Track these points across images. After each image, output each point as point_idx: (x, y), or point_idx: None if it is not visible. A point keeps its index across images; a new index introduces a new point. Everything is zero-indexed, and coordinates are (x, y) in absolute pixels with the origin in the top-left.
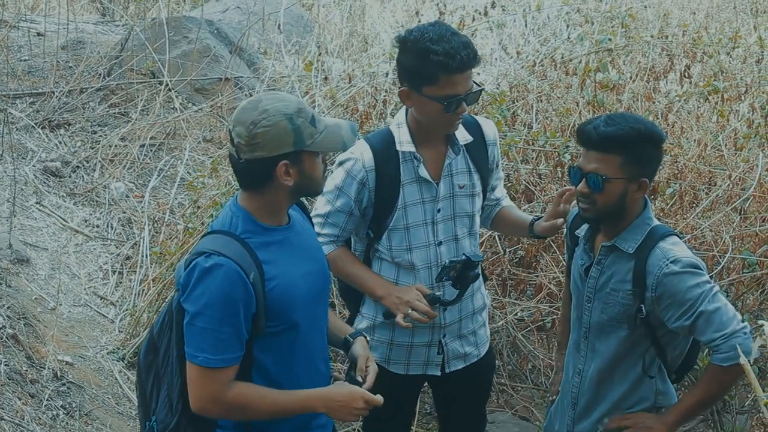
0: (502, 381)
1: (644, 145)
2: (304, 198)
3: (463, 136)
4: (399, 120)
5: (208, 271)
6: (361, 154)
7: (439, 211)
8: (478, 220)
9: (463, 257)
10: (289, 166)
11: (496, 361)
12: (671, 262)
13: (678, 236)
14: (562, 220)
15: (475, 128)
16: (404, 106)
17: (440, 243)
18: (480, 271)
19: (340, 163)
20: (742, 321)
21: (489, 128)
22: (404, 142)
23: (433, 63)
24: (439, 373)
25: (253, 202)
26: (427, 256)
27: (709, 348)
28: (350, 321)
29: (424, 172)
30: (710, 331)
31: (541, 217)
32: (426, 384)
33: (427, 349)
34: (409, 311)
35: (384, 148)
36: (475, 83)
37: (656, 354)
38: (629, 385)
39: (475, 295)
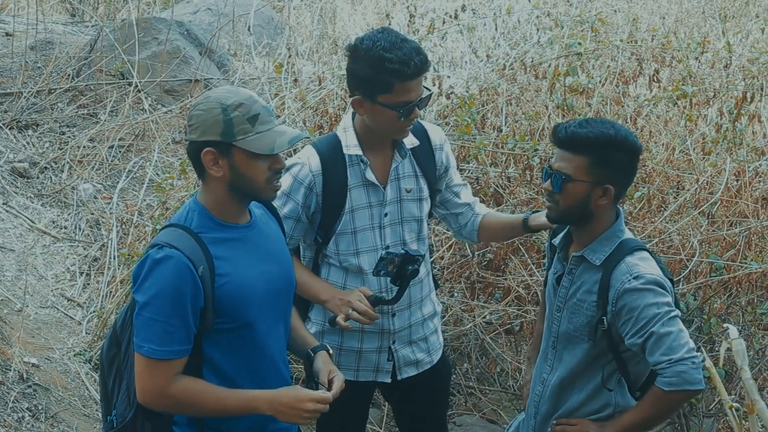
0: (471, 384)
1: (613, 152)
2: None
3: (409, 140)
4: (345, 124)
5: (158, 262)
6: (308, 158)
7: (386, 215)
8: (426, 224)
9: (402, 251)
10: (217, 156)
11: (465, 365)
12: (634, 278)
13: (649, 251)
14: None
15: (421, 133)
16: (350, 110)
17: (388, 247)
18: (419, 268)
19: (287, 169)
20: (695, 350)
21: (435, 133)
22: (351, 146)
23: (387, 71)
24: (389, 380)
25: (206, 196)
26: (374, 260)
27: (655, 370)
28: None
29: (371, 175)
30: (658, 353)
31: (537, 211)
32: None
33: (377, 355)
34: (350, 311)
35: (331, 152)
36: (426, 87)
37: (617, 368)
38: (586, 395)
39: (424, 301)
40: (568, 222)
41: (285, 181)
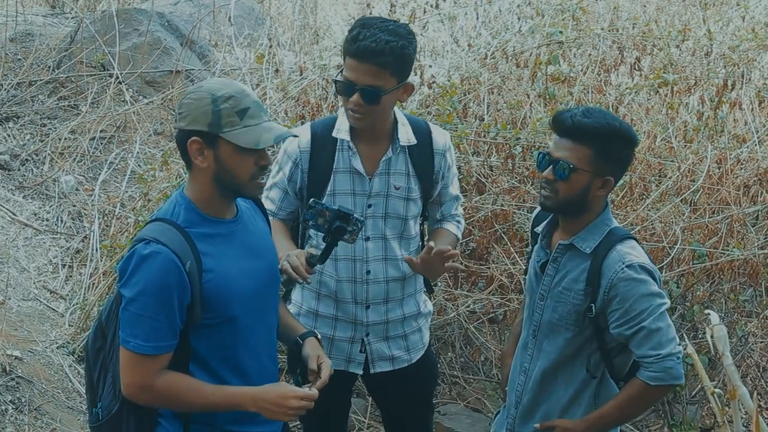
0: (455, 373)
1: (617, 143)
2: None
3: (407, 137)
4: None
5: (145, 258)
6: (301, 134)
7: (370, 206)
8: (412, 225)
9: (335, 207)
10: (202, 146)
11: (449, 354)
12: (627, 267)
13: (636, 240)
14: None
15: (424, 134)
16: None
17: (368, 238)
18: (350, 229)
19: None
20: (678, 344)
21: (440, 137)
22: (342, 130)
23: (346, 40)
24: (361, 372)
25: (192, 189)
26: (352, 248)
27: (639, 362)
28: None
29: (357, 163)
30: (646, 347)
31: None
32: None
33: (349, 345)
34: (283, 262)
35: (324, 133)
36: (377, 87)
37: (602, 357)
38: (575, 388)
39: (405, 300)
40: (565, 211)
41: (279, 153)
